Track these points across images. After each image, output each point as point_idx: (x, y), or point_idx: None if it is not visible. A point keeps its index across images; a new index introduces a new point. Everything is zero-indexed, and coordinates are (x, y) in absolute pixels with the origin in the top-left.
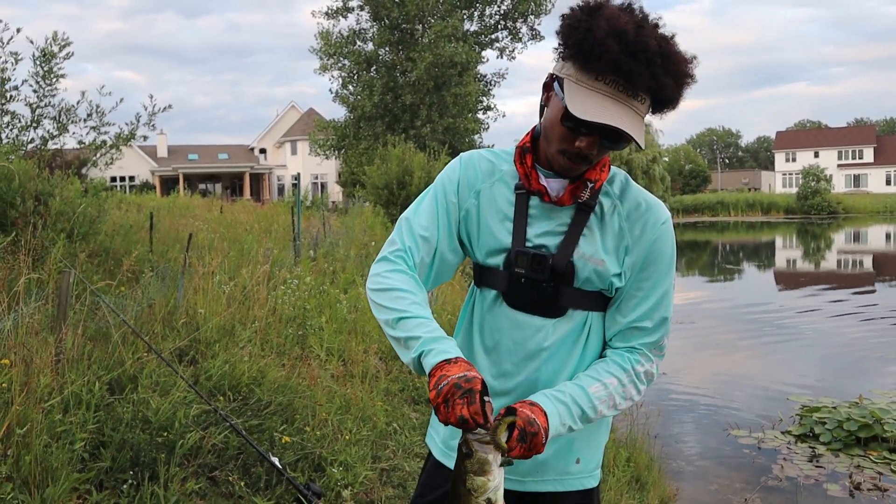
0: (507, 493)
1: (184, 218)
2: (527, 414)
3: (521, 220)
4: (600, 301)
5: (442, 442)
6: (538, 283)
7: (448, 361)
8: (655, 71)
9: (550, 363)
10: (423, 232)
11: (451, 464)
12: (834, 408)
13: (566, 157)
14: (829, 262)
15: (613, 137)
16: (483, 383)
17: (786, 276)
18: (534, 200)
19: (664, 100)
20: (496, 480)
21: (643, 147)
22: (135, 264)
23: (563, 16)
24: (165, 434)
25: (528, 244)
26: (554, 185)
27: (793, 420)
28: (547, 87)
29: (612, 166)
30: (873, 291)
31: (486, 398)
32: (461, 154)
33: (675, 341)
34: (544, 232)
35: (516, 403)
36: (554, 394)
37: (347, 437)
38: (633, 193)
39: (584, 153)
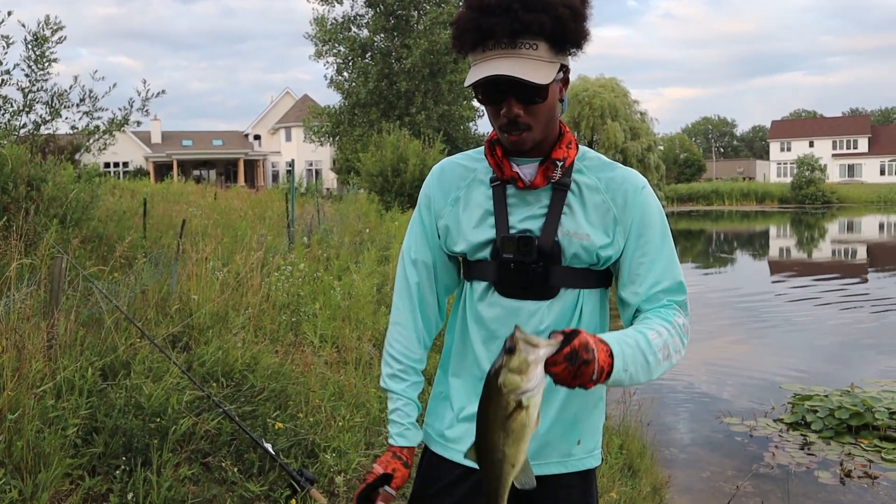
0: None
1: (177, 204)
2: (586, 339)
3: (501, 210)
4: (590, 277)
5: (438, 435)
6: (528, 266)
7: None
8: (516, 15)
9: None
10: (416, 256)
11: (450, 455)
12: (825, 396)
13: (504, 131)
14: (823, 251)
15: (522, 92)
16: (376, 478)
17: (779, 265)
18: (510, 189)
19: (553, 35)
20: (532, 384)
21: (540, 82)
22: (128, 250)
23: None
24: (158, 420)
25: (511, 231)
26: (526, 171)
27: (785, 408)
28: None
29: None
30: (866, 280)
31: (380, 490)
32: (434, 166)
33: None
34: (526, 217)
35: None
36: (620, 336)
37: (341, 424)
38: (607, 166)
39: (510, 118)
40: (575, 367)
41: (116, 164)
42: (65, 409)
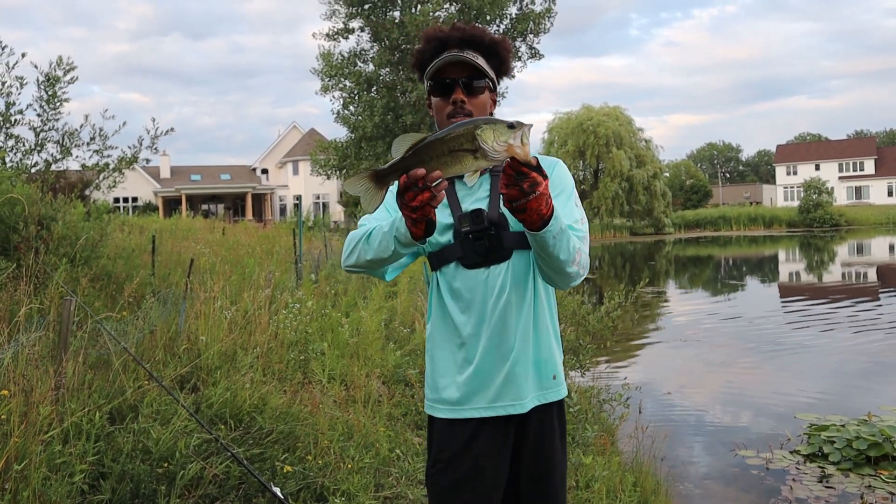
0: (511, 418)
1: (186, 240)
2: (541, 187)
3: (452, 200)
4: None
5: (441, 402)
6: (484, 233)
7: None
8: (464, 31)
9: (513, 298)
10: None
11: (461, 415)
12: (842, 426)
13: (450, 116)
14: (833, 274)
15: (466, 84)
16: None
17: (790, 289)
18: (457, 184)
19: (488, 51)
20: (492, 153)
21: (482, 66)
22: (136, 290)
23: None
24: (166, 465)
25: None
26: None
27: (801, 439)
28: (427, 103)
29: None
30: (878, 303)
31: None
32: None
33: (680, 357)
34: (474, 201)
35: (545, 183)
36: (563, 221)
37: (350, 466)
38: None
39: (456, 102)
40: (514, 184)
41: (126, 200)
42: (72, 455)
